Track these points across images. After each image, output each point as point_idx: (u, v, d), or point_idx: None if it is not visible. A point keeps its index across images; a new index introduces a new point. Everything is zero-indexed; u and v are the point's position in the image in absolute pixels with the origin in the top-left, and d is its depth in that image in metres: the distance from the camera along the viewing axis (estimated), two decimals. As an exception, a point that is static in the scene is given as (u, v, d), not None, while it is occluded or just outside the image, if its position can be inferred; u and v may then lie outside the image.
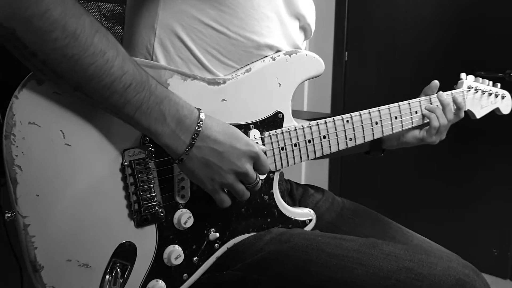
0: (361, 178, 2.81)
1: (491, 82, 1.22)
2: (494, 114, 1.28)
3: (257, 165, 0.79)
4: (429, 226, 2.04)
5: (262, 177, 0.88)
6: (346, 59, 2.77)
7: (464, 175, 2.43)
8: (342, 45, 2.78)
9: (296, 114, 1.03)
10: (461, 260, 0.81)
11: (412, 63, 2.53)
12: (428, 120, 1.07)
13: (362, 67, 2.74)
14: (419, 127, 1.09)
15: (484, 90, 1.18)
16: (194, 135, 0.72)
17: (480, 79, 1.19)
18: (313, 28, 1.02)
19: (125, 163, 0.74)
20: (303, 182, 1.49)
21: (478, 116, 1.20)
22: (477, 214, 2.39)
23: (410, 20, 2.52)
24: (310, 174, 2.92)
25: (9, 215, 0.68)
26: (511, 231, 2.29)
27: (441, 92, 1.10)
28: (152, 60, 0.84)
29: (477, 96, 1.17)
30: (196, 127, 0.72)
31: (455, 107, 1.10)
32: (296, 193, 1.15)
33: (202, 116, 0.73)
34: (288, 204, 0.96)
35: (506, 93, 1.26)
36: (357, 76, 2.76)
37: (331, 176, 2.92)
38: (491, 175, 2.34)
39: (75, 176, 0.70)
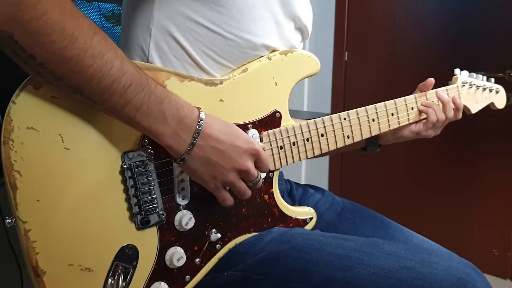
0: (361, 178, 2.80)
1: (485, 77, 1.21)
2: (495, 113, 1.28)
3: (258, 162, 0.80)
4: (429, 226, 2.03)
5: (263, 175, 0.88)
6: (346, 59, 2.76)
7: (464, 175, 2.41)
8: (342, 45, 2.77)
9: (296, 114, 1.03)
10: (462, 259, 0.81)
11: (412, 63, 2.52)
12: (424, 116, 1.07)
13: (362, 67, 2.74)
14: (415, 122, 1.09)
15: (479, 85, 1.17)
16: (195, 134, 0.72)
17: (474, 74, 1.18)
18: (310, 30, 1.02)
19: (125, 166, 0.74)
20: (303, 182, 1.48)
21: (474, 111, 1.19)
22: (477, 214, 2.38)
23: (410, 20, 2.51)
24: (310, 174, 2.92)
25: (10, 220, 0.67)
26: (511, 231, 2.28)
27: (440, 90, 1.10)
28: (147, 61, 0.84)
29: (472, 91, 1.16)
30: (197, 126, 0.72)
31: (453, 106, 1.10)
32: (296, 193, 1.14)
33: (202, 115, 0.73)
34: (287, 203, 0.96)
35: (500, 87, 1.25)
36: (357, 76, 2.75)
37: (331, 176, 2.91)
38: (491, 175, 2.32)
39: (75, 180, 0.70)
